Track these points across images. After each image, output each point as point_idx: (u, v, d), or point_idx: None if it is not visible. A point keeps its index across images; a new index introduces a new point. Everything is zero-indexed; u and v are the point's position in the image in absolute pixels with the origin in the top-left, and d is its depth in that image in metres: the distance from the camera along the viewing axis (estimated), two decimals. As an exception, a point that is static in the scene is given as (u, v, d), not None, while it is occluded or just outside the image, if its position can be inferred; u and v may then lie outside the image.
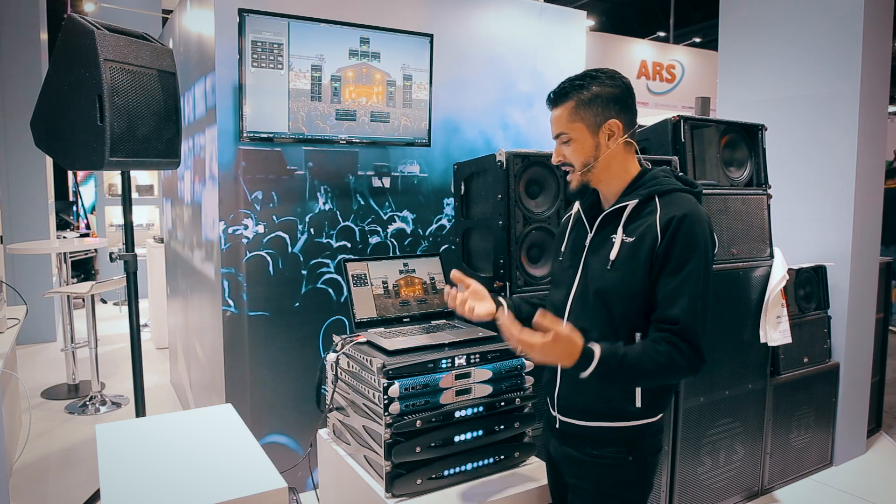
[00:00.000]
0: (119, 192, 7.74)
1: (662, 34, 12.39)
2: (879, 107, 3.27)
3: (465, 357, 1.72)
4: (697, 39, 12.38)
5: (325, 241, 2.86)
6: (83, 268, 7.37)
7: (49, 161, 5.71)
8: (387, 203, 3.00)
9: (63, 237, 6.14)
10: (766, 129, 2.92)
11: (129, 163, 2.11)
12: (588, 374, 1.33)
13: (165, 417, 1.79)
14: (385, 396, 1.61)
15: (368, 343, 1.82)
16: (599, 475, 1.49)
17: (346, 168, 2.88)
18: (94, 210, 8.50)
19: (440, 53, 2.92)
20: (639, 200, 1.44)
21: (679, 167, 2.59)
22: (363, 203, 2.95)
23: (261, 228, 2.72)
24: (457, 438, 1.70)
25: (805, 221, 3.35)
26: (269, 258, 2.75)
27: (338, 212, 2.89)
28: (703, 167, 2.78)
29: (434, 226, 3.12)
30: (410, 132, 2.85)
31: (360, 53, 2.67)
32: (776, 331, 2.80)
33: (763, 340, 2.79)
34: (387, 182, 2.99)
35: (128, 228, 2.42)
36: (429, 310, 2.10)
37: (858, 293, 3.29)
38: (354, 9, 2.81)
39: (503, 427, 1.77)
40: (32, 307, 4.05)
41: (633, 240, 1.41)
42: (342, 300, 2.90)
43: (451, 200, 3.12)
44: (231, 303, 2.69)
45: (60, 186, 7.84)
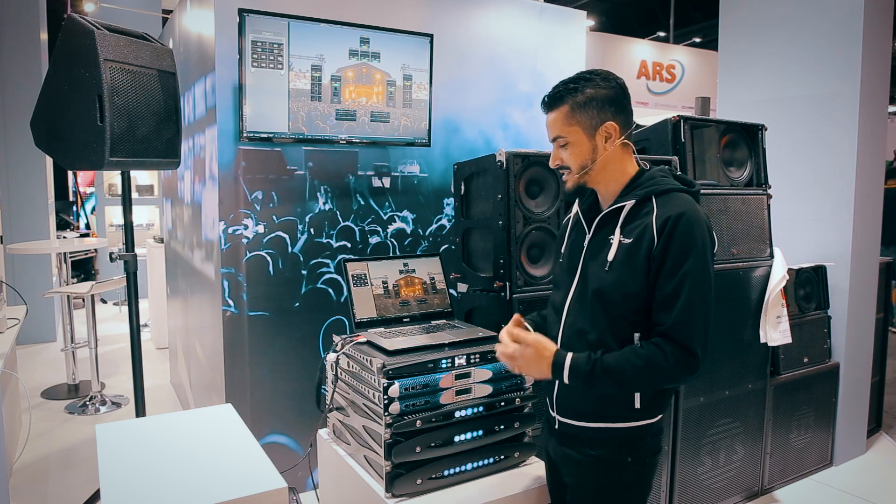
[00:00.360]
0: (119, 192, 7.74)
1: (662, 34, 12.39)
2: (879, 107, 3.27)
3: (465, 357, 1.73)
4: (697, 39, 12.38)
5: (325, 241, 2.86)
6: (83, 268, 7.37)
7: (49, 161, 5.70)
8: (387, 203, 3.00)
9: (63, 237, 6.14)
10: (766, 129, 2.92)
11: (129, 163, 2.11)
12: (567, 382, 1.37)
13: (165, 417, 1.80)
14: (385, 396, 1.61)
15: (368, 343, 1.82)
16: (598, 476, 1.49)
17: (346, 168, 2.88)
18: (95, 211, 8.51)
19: (440, 53, 2.92)
20: (636, 201, 1.43)
21: (679, 167, 2.59)
22: (363, 203, 2.95)
23: (261, 228, 2.72)
24: (457, 438, 1.70)
25: (805, 221, 3.35)
26: (269, 258, 2.75)
27: (338, 212, 2.89)
28: (703, 167, 2.78)
29: (434, 226, 3.12)
30: (410, 132, 2.85)
31: (360, 53, 2.67)
32: (776, 331, 2.80)
33: (763, 340, 2.79)
34: (387, 182, 2.99)
35: (128, 228, 2.42)
36: (429, 310, 2.10)
37: (858, 293, 3.29)
38: (354, 9, 2.81)
39: (503, 427, 1.77)
40: (32, 307, 4.05)
41: (631, 241, 1.41)
42: (342, 300, 2.90)
43: (451, 200, 3.12)
44: (231, 303, 2.70)
45: (60, 186, 7.84)
